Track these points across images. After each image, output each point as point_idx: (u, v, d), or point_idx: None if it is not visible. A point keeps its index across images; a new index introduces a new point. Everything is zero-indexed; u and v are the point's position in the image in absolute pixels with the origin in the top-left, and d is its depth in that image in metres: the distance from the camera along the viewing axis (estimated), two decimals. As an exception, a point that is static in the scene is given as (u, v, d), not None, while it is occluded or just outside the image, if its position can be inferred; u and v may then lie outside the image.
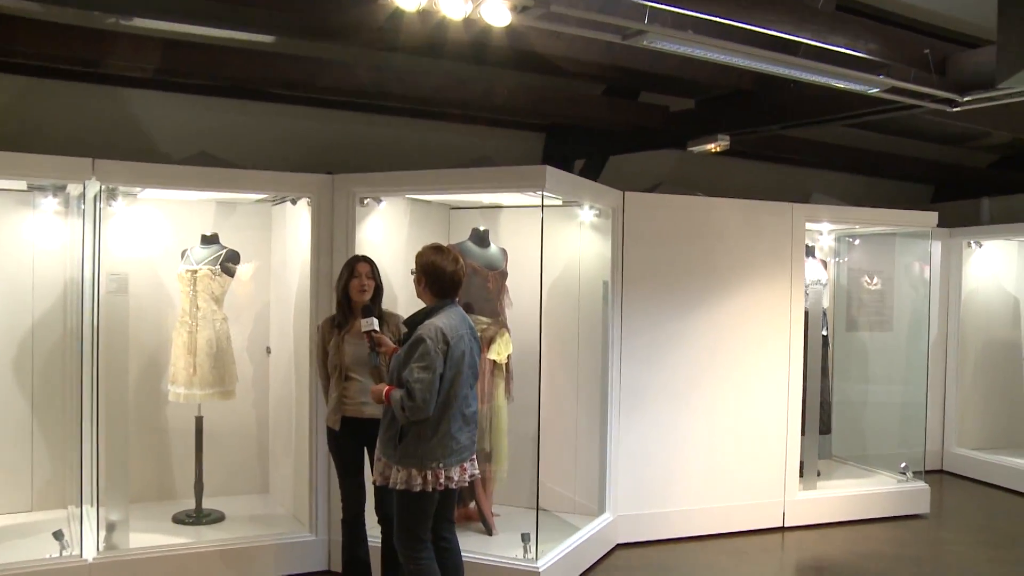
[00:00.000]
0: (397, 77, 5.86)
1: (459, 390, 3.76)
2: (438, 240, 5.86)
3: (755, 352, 5.95)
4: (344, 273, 4.37)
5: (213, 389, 5.14)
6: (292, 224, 5.47)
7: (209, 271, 5.15)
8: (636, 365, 5.62)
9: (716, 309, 5.84)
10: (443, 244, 3.93)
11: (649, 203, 5.68)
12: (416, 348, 3.64)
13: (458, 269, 3.83)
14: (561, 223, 5.58)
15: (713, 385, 5.84)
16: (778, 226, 6.01)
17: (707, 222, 5.82)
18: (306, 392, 5.08)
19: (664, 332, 5.70)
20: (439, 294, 3.81)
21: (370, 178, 4.99)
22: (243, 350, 5.77)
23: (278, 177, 4.98)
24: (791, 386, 6.02)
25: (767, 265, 5.97)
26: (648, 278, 5.65)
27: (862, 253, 7.51)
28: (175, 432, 5.63)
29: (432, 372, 3.61)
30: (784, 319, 6.01)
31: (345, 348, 4.34)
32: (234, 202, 5.75)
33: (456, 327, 3.76)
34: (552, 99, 6.53)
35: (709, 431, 5.84)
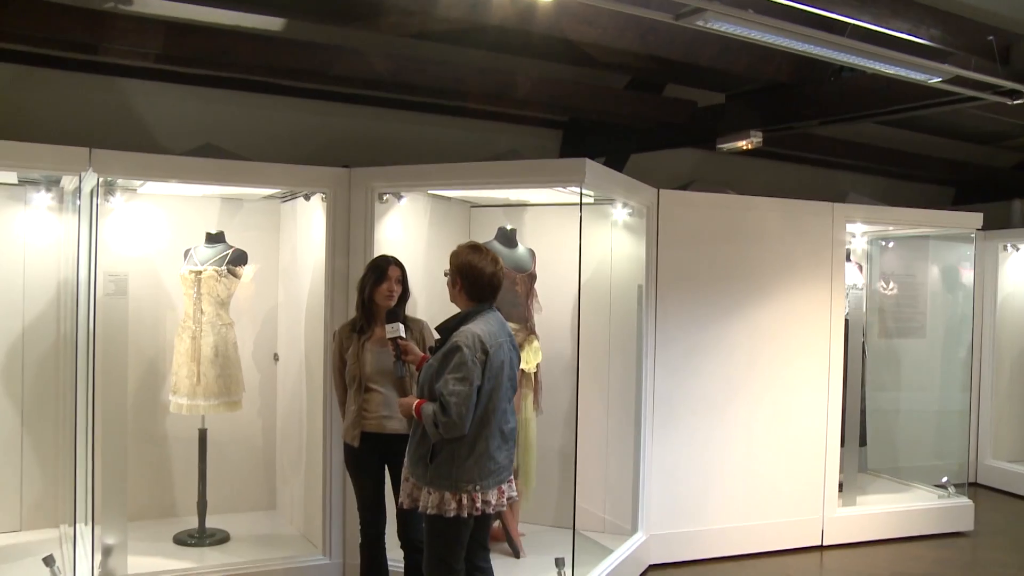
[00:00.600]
0: (417, 67, 5.49)
1: (498, 404, 3.40)
2: (459, 240, 5.55)
3: (794, 361, 5.60)
4: (370, 275, 4.00)
5: (218, 400, 4.76)
6: (304, 222, 5.10)
7: (215, 272, 4.78)
8: (670, 375, 5.27)
9: (753, 315, 5.49)
10: (480, 243, 3.56)
11: (684, 201, 5.32)
12: (451, 357, 3.28)
13: (498, 271, 3.47)
14: (591, 222, 5.19)
15: (750, 396, 5.49)
16: (818, 227, 5.66)
17: (744, 222, 5.47)
18: (319, 402, 4.71)
19: (700, 340, 5.35)
20: (476, 298, 3.45)
21: (390, 172, 4.62)
22: (249, 356, 5.39)
23: (291, 170, 4.61)
24: (830, 396, 5.67)
25: (806, 268, 5.63)
26: (683, 282, 5.29)
27: (895, 256, 7.18)
28: (177, 446, 5.24)
29: (469, 384, 3.25)
30: (824, 326, 5.67)
31: (366, 356, 3.97)
32: (240, 198, 5.37)
33: (495, 334, 3.40)
34: (576, 93, 6.19)
35: (746, 444, 5.48)
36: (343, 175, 4.63)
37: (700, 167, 8.21)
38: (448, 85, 5.67)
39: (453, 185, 4.58)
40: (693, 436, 5.35)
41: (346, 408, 4.03)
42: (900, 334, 7.19)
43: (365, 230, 4.58)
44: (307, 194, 4.79)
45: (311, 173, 4.62)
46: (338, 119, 6.35)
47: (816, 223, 5.66)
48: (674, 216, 5.26)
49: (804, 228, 5.63)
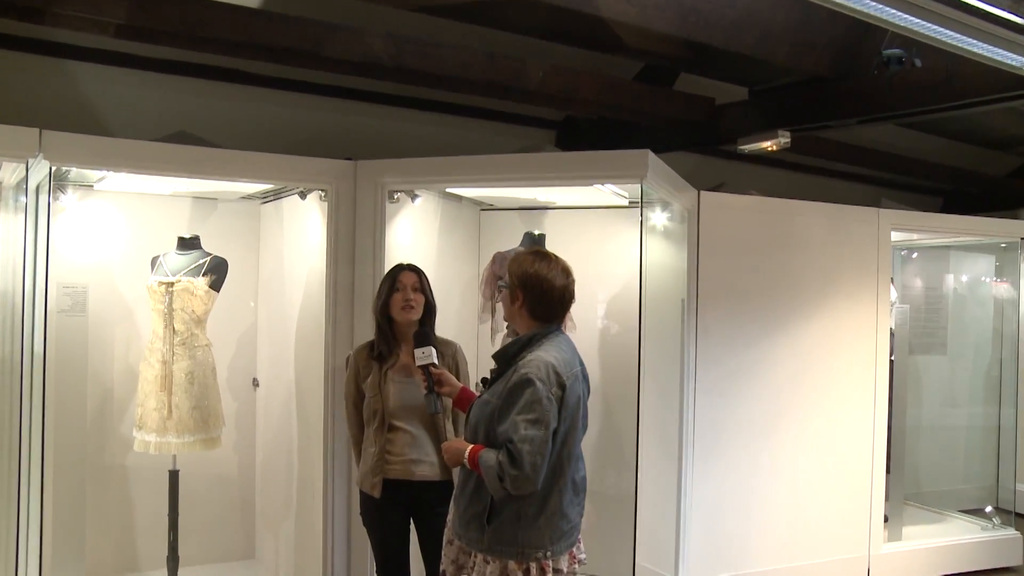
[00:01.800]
0: (419, 49, 4.79)
1: (572, 450, 2.74)
2: (469, 246, 4.87)
3: (839, 382, 5.04)
4: (383, 287, 3.30)
5: (193, 436, 3.98)
6: (294, 225, 4.37)
7: (190, 284, 4.00)
8: (713, 400, 4.65)
9: (799, 332, 4.91)
10: (545, 249, 2.89)
11: (726, 205, 4.72)
12: (520, 393, 2.59)
13: (570, 284, 2.81)
14: (623, 228, 4.60)
15: (795, 422, 4.91)
16: (863, 234, 5.12)
17: (789, 229, 4.90)
18: (314, 438, 3.98)
19: (743, 361, 4.75)
20: (542, 317, 2.77)
21: (406, 165, 3.93)
22: (223, 382, 4.60)
23: (284, 162, 3.87)
24: (876, 420, 5.13)
25: (851, 280, 5.08)
26: (725, 295, 4.69)
27: (917, 268, 6.72)
28: (142, 490, 4.41)
29: (545, 428, 2.57)
30: (868, 344, 5.12)
31: (389, 388, 3.27)
32: (215, 197, 4.60)
33: (570, 363, 2.74)
34: (590, 84, 5.55)
35: (791, 477, 4.89)
36: (347, 169, 3.92)
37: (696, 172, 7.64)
38: (454, 71, 4.97)
39: (482, 181, 3.90)
40: (736, 469, 4.75)
41: (363, 449, 3.31)
42: (924, 350, 6.72)
43: (375, 234, 3.87)
44: (303, 191, 4.05)
45: (309, 166, 3.89)
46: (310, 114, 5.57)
47: (861, 231, 5.12)
48: (715, 222, 4.66)
49: (848, 236, 5.08)
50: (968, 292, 6.93)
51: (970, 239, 6.10)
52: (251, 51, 4.54)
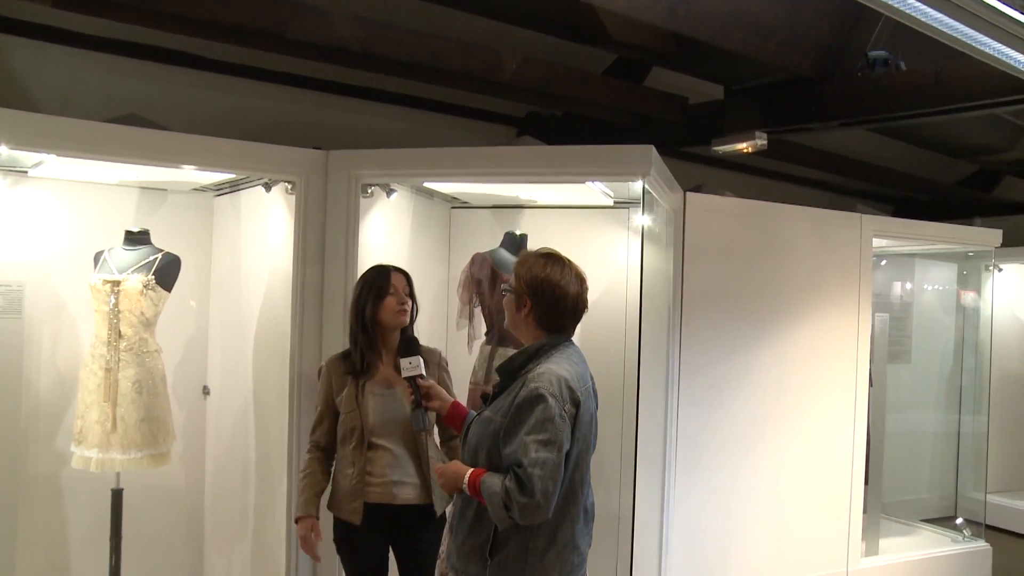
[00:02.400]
0: (388, 35, 4.46)
1: (585, 474, 2.47)
2: (440, 246, 4.56)
3: (820, 393, 4.87)
4: (368, 288, 2.97)
5: (141, 452, 3.58)
6: (251, 220, 4.01)
7: (140, 283, 3.61)
8: (696, 412, 4.43)
9: (782, 340, 4.73)
10: (554, 250, 2.61)
11: (712, 207, 4.50)
12: (529, 411, 2.31)
13: (583, 291, 2.54)
14: (604, 229, 4.35)
15: (778, 434, 4.72)
16: (845, 240, 4.96)
17: (774, 233, 4.71)
18: (276, 453, 3.63)
19: (727, 370, 4.54)
20: (551, 327, 2.50)
21: (382, 157, 3.60)
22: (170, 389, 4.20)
23: (249, 149, 3.50)
24: (856, 431, 4.97)
25: (834, 287, 4.92)
26: (709, 302, 4.47)
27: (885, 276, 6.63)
28: (81, 511, 3.96)
29: (558, 450, 2.30)
30: (850, 352, 4.96)
31: (368, 402, 2.94)
32: (165, 188, 4.20)
33: (583, 377, 2.47)
34: (562, 79, 5.28)
35: (772, 491, 4.70)
36: (318, 159, 3.58)
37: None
38: (425, 60, 4.66)
39: (468, 176, 3.58)
40: (718, 484, 4.53)
41: (335, 471, 2.98)
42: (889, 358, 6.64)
43: (347, 231, 3.53)
44: (268, 183, 3.69)
45: (277, 154, 3.53)
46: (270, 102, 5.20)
47: (843, 236, 4.96)
48: (700, 224, 4.44)
49: (831, 241, 4.92)
50: (933, 300, 6.89)
51: (940, 247, 6.01)
52: (209, 30, 4.18)
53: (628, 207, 4.27)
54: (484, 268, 3.83)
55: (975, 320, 6.58)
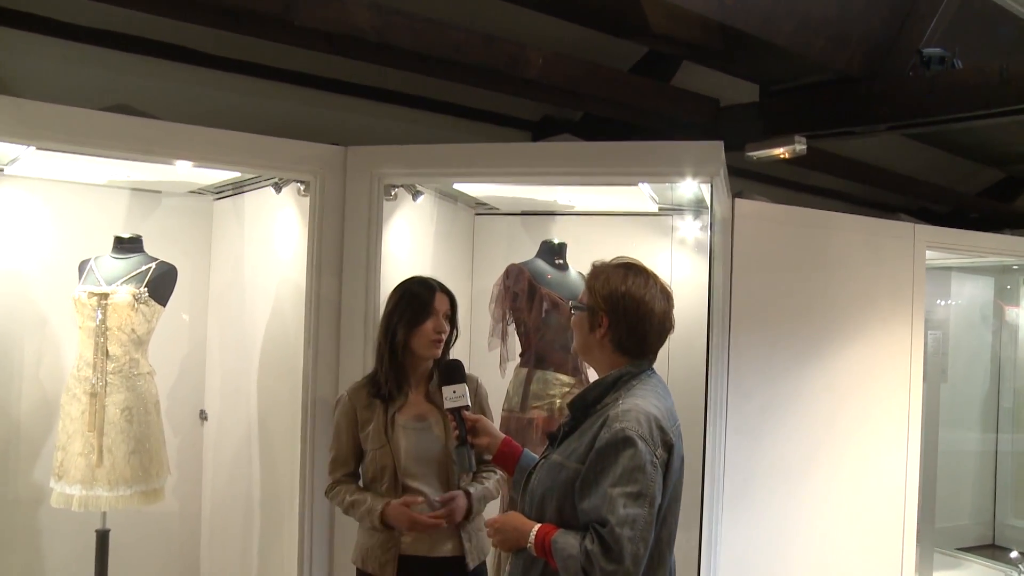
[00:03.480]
0: (408, 23, 4.05)
1: (673, 531, 2.05)
2: (463, 254, 4.15)
3: (873, 417, 4.46)
4: (405, 309, 2.55)
5: (131, 488, 3.15)
6: (256, 225, 3.59)
7: (131, 296, 3.18)
8: (745, 440, 4.01)
9: (833, 361, 4.32)
10: (634, 259, 2.20)
11: (763, 215, 4.09)
12: (615, 457, 1.90)
13: (670, 309, 2.13)
14: (645, 238, 3.96)
15: (829, 461, 4.31)
16: (898, 252, 4.57)
17: (826, 244, 4.31)
18: (285, 488, 3.20)
19: (777, 393, 4.13)
20: (634, 351, 2.08)
21: (409, 154, 3.18)
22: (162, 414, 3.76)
23: (259, 144, 3.06)
24: (909, 458, 4.58)
25: (887, 303, 4.52)
26: (759, 319, 4.06)
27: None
28: (61, 554, 3.50)
29: (650, 505, 1.88)
30: (903, 373, 4.57)
31: (399, 438, 2.52)
32: (159, 190, 3.77)
33: (673, 414, 2.06)
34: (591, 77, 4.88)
35: (823, 524, 4.29)
36: (335, 156, 3.16)
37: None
38: (446, 53, 4.25)
39: (510, 176, 3.15)
40: (766, 517, 4.12)
41: (362, 514, 2.54)
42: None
43: (369, 238, 3.11)
44: (278, 183, 3.27)
45: (289, 150, 3.11)
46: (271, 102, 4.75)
47: (896, 248, 4.57)
48: (749, 234, 4.02)
49: (883, 253, 4.52)
50: (971, 316, 6.53)
51: (987, 260, 5.65)
52: (207, 15, 3.74)
53: (672, 214, 3.89)
54: (520, 281, 3.41)
55: (1015, 336, 6.24)
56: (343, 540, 3.06)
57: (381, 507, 2.44)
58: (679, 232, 3.90)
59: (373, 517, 2.44)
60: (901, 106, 4.69)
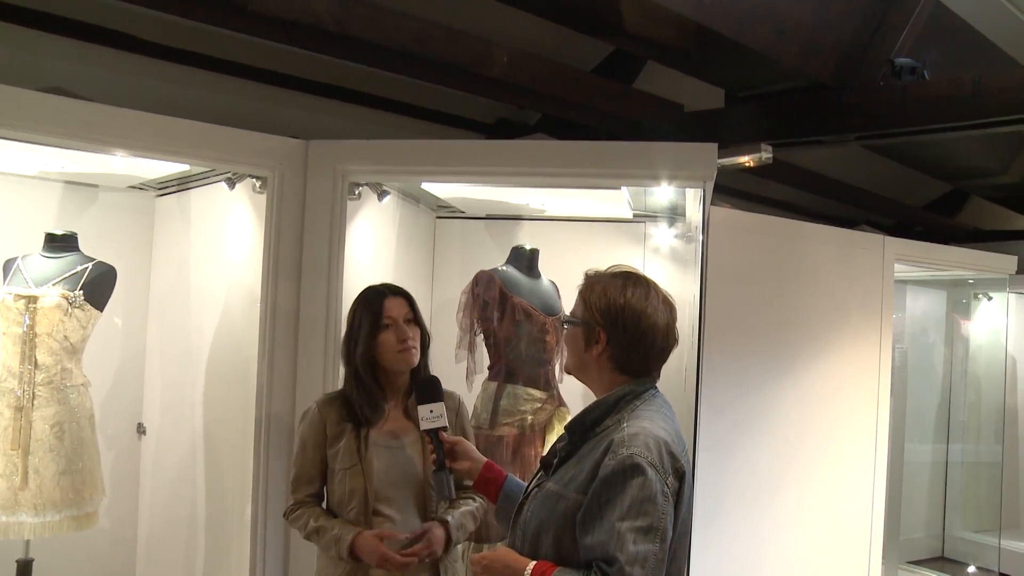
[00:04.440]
0: (370, 15, 3.81)
1: (682, 566, 1.86)
2: (424, 259, 3.92)
3: (842, 433, 4.38)
4: (358, 325, 2.32)
5: (60, 513, 2.84)
6: (203, 224, 3.31)
7: (64, 299, 2.88)
8: (716, 457, 3.87)
9: (805, 375, 4.22)
10: (634, 268, 2.01)
11: (737, 224, 3.96)
12: (623, 487, 1.70)
13: (673, 321, 1.94)
14: (618, 245, 3.80)
15: (800, 479, 4.20)
16: (867, 264, 4.50)
17: (798, 254, 4.21)
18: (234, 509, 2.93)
19: (750, 409, 4.00)
20: (634, 369, 1.89)
21: (378, 150, 2.95)
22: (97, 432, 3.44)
23: (213, 134, 2.79)
24: (876, 474, 4.49)
25: (856, 316, 4.44)
26: (732, 332, 3.93)
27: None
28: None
29: (662, 540, 1.69)
30: (871, 388, 4.49)
31: (372, 459, 2.28)
32: (95, 184, 3.47)
33: (680, 437, 1.87)
34: (557, 77, 4.70)
35: (793, 545, 4.18)
36: (296, 150, 2.90)
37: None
38: (408, 46, 4.02)
39: (480, 175, 2.93)
40: (738, 536, 3.99)
41: (328, 542, 2.29)
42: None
43: (331, 239, 2.86)
44: (232, 178, 3.00)
45: (245, 142, 2.84)
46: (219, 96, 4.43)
47: (866, 260, 4.49)
48: (722, 243, 3.88)
49: (854, 265, 4.44)
50: (924, 329, 6.54)
51: (947, 274, 5.64)
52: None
53: (645, 221, 3.73)
54: (491, 289, 3.21)
55: (967, 350, 6.28)
56: (299, 569, 2.81)
57: (351, 537, 2.20)
58: (653, 240, 3.73)
59: (341, 547, 2.20)
60: (872, 116, 4.61)
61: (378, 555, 2.17)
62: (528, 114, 5.79)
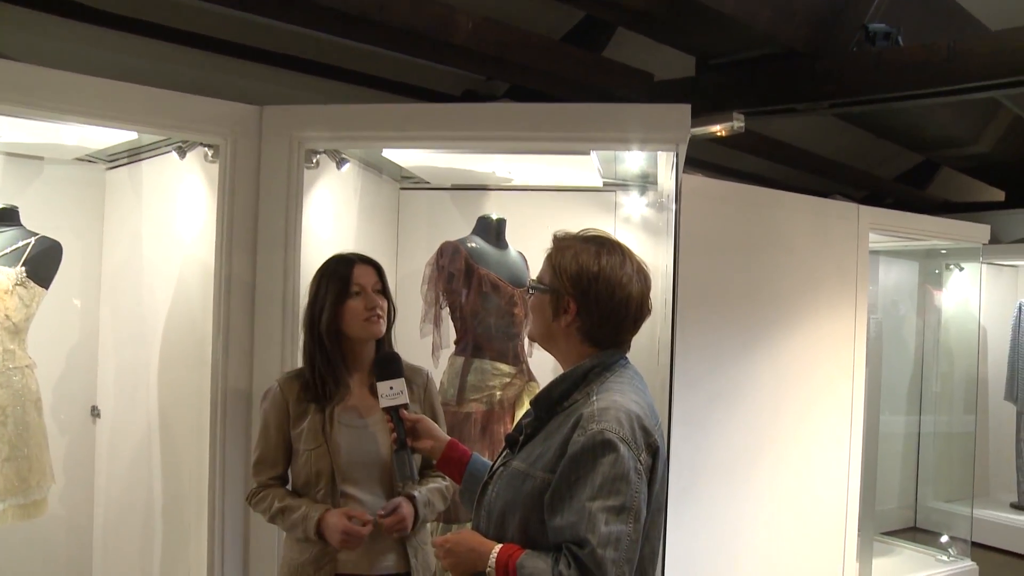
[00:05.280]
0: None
1: (656, 547, 1.77)
2: (389, 232, 3.79)
3: (817, 404, 4.32)
4: (324, 292, 2.20)
5: (5, 503, 2.71)
6: (155, 196, 3.16)
7: (5, 277, 2.73)
8: (691, 432, 3.80)
9: (780, 347, 4.15)
10: (605, 232, 1.89)
11: (708, 192, 3.87)
12: (594, 465, 1.60)
13: (648, 289, 1.83)
14: (587, 215, 3.68)
15: (775, 453, 4.14)
16: (842, 233, 4.43)
17: (772, 224, 4.13)
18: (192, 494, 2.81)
19: (725, 382, 3.93)
20: (605, 341, 1.78)
21: (335, 115, 2.81)
22: (47, 412, 3.28)
23: (162, 99, 2.63)
24: (851, 447, 4.45)
25: (831, 286, 4.37)
26: (707, 303, 3.85)
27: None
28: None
29: (635, 520, 1.60)
30: (847, 359, 4.44)
31: (338, 437, 2.17)
32: (40, 156, 3.30)
33: (654, 411, 1.77)
34: (522, 44, 4.57)
35: (768, 520, 4.12)
36: (250, 116, 2.76)
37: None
38: (369, 12, 3.87)
39: (445, 141, 2.78)
40: (713, 512, 3.93)
41: (294, 522, 2.16)
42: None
43: (288, 209, 2.73)
44: (182, 146, 2.85)
45: (197, 108, 2.69)
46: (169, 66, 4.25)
47: (841, 229, 4.42)
48: (693, 212, 3.77)
49: (828, 234, 4.37)
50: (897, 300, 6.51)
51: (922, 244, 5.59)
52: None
53: (616, 189, 3.62)
54: (456, 260, 3.09)
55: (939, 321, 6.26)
56: (260, 553, 2.70)
57: (318, 515, 2.09)
58: (624, 209, 3.63)
59: (308, 525, 2.08)
60: (846, 83, 4.55)
61: (341, 529, 2.06)
62: (496, 85, 5.65)
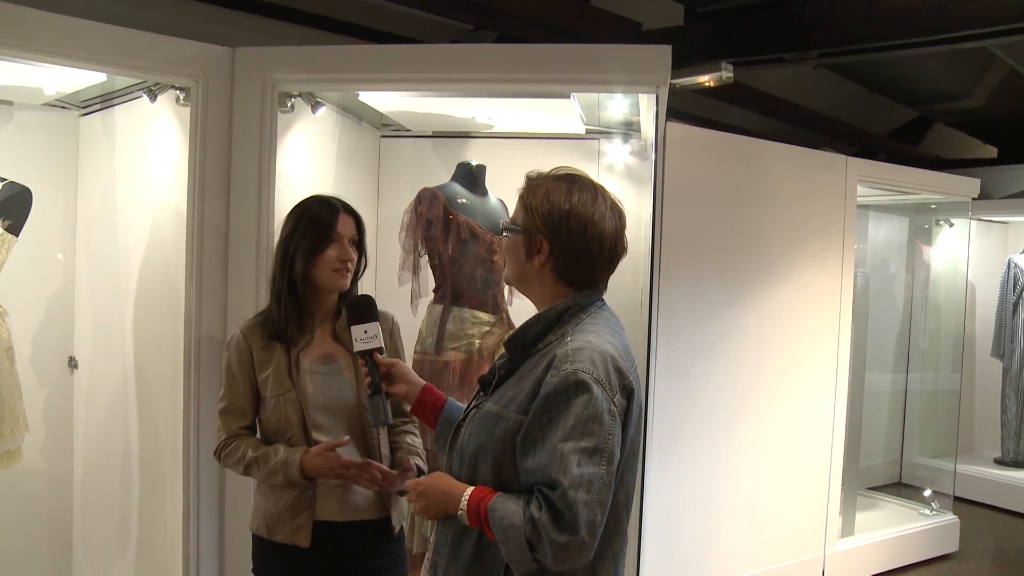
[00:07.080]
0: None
1: (630, 491, 1.74)
2: (369, 178, 3.73)
3: (803, 358, 4.31)
4: (301, 231, 2.14)
5: (-21, 449, 2.67)
6: (129, 142, 3.09)
7: (-28, 221, 2.67)
8: (674, 384, 3.79)
9: (765, 299, 4.13)
10: (578, 170, 1.85)
11: (693, 141, 3.82)
12: (567, 406, 1.57)
13: (623, 228, 1.79)
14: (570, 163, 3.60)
15: (759, 406, 4.14)
16: (830, 185, 4.38)
17: (758, 174, 4.08)
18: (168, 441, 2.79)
19: (708, 334, 3.91)
20: (580, 281, 1.74)
21: (309, 56, 2.74)
22: (26, 363, 3.26)
23: (129, 39, 2.55)
24: (837, 401, 4.45)
25: (818, 238, 4.34)
26: (690, 253, 3.82)
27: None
28: None
29: (608, 462, 1.57)
30: (832, 312, 4.42)
31: (306, 382, 2.13)
32: (9, 101, 3.22)
33: (629, 352, 1.74)
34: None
35: (752, 471, 4.14)
36: (221, 58, 2.68)
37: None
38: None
39: (422, 83, 2.71)
40: (696, 465, 3.93)
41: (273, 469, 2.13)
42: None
43: (261, 153, 2.67)
44: (152, 89, 2.78)
45: (166, 48, 2.61)
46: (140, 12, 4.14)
47: (828, 180, 4.38)
48: (678, 161, 3.73)
49: (816, 186, 4.33)
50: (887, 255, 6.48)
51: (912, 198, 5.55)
52: None
53: (599, 136, 3.56)
54: (435, 207, 3.04)
55: (928, 277, 6.24)
56: (235, 502, 2.68)
57: (299, 457, 2.06)
58: (607, 157, 3.57)
59: (291, 469, 2.04)
60: (836, 31, 4.48)
61: (337, 464, 2.03)
62: (482, 35, 5.55)
